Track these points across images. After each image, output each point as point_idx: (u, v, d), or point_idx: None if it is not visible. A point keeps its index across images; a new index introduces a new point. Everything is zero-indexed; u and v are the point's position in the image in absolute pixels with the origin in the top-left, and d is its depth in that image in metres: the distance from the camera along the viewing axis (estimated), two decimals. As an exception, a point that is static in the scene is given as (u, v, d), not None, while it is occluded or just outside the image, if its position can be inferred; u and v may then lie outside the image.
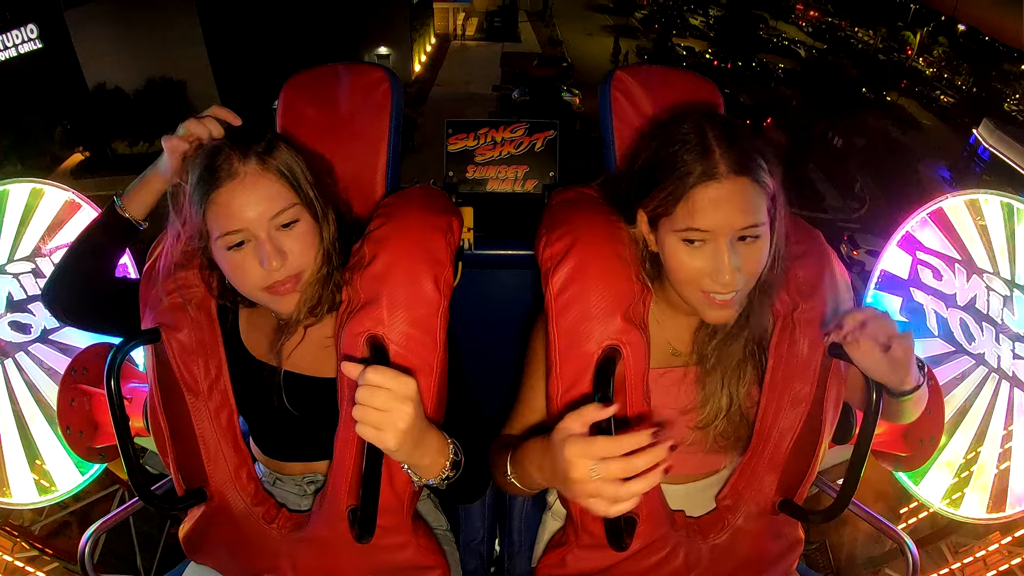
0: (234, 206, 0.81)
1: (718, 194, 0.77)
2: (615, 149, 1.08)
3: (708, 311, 0.85)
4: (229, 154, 0.82)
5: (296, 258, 0.85)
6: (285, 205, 0.83)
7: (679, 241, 0.81)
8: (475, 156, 1.32)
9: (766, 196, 0.80)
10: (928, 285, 1.48)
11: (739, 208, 0.78)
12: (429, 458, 0.80)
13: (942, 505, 1.47)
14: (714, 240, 0.79)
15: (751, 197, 0.78)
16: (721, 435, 0.95)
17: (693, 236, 0.80)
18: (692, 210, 0.79)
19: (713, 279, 0.81)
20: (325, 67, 1.12)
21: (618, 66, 1.15)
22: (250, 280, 0.85)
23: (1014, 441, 1.40)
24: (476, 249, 1.24)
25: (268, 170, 0.83)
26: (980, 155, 17.13)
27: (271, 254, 0.83)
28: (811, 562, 3.70)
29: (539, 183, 1.32)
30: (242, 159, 0.82)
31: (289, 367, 0.96)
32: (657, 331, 0.94)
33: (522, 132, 1.32)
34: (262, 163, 0.83)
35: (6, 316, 1.52)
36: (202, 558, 1.07)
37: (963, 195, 1.45)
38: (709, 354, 0.92)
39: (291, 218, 0.84)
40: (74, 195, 1.57)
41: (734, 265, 0.79)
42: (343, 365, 0.77)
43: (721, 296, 0.82)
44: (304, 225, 0.86)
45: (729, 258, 0.79)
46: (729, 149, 0.78)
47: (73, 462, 1.55)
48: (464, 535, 1.23)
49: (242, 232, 0.82)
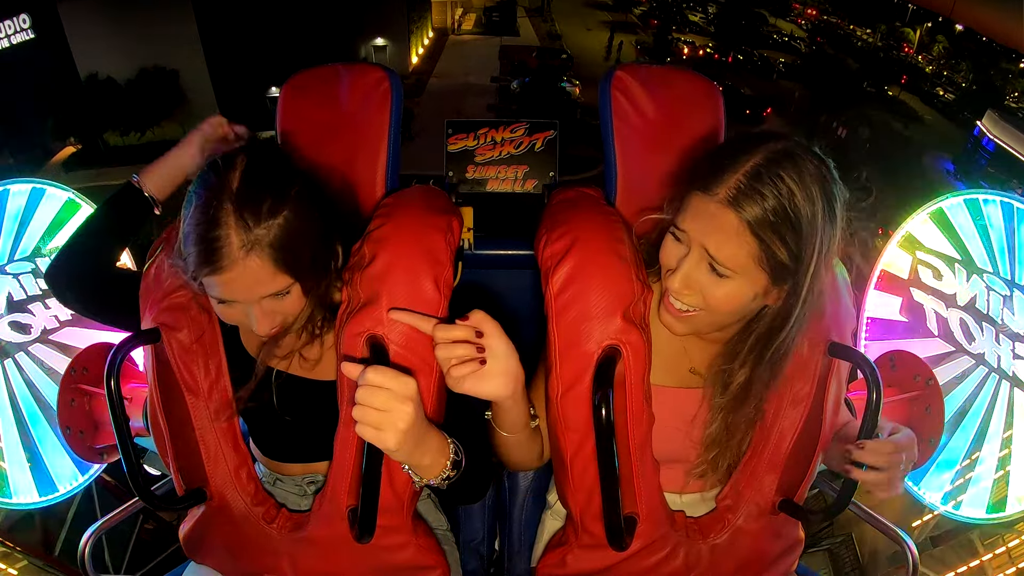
0: (226, 288, 0.80)
1: (706, 208, 0.78)
2: (615, 149, 1.08)
3: (662, 311, 0.88)
4: (230, 239, 0.76)
5: (286, 317, 0.86)
6: (279, 289, 0.82)
7: (670, 231, 0.84)
8: (475, 156, 1.32)
9: (763, 257, 0.76)
10: (928, 285, 1.48)
11: (716, 233, 0.77)
12: (429, 458, 0.80)
13: (942, 506, 1.47)
14: (687, 245, 0.81)
15: (731, 232, 0.76)
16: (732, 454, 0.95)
17: (677, 232, 0.83)
18: (685, 206, 0.81)
19: (668, 278, 0.83)
20: (325, 67, 1.12)
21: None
22: (235, 323, 0.88)
23: (1014, 441, 1.40)
24: (476, 249, 1.24)
25: (268, 259, 0.78)
26: (985, 146, 17.13)
27: (261, 321, 0.83)
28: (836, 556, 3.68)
29: (539, 183, 1.32)
30: (243, 247, 0.76)
31: (287, 370, 0.96)
32: (678, 347, 0.94)
33: (522, 132, 1.32)
34: (263, 252, 0.77)
35: (6, 316, 1.52)
36: (202, 558, 1.07)
37: (963, 195, 1.45)
38: (715, 378, 0.92)
39: (284, 293, 0.83)
40: (74, 195, 1.57)
41: (686, 274, 0.81)
42: (343, 365, 0.77)
43: (674, 302, 0.85)
44: (296, 292, 0.85)
45: (687, 267, 0.81)
46: (747, 180, 0.75)
47: (73, 462, 1.55)
48: (464, 535, 1.23)
49: (233, 301, 0.82)
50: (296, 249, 0.80)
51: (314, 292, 0.88)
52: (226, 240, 0.76)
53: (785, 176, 0.74)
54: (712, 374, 0.92)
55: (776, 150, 0.76)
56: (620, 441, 0.86)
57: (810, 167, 0.76)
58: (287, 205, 0.79)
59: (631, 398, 0.87)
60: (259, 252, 0.77)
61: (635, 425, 0.88)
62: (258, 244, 0.77)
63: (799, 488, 0.94)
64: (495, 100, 20.09)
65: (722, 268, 0.78)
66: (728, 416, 0.91)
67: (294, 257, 0.80)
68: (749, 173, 0.75)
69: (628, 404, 0.87)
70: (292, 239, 0.79)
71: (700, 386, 0.94)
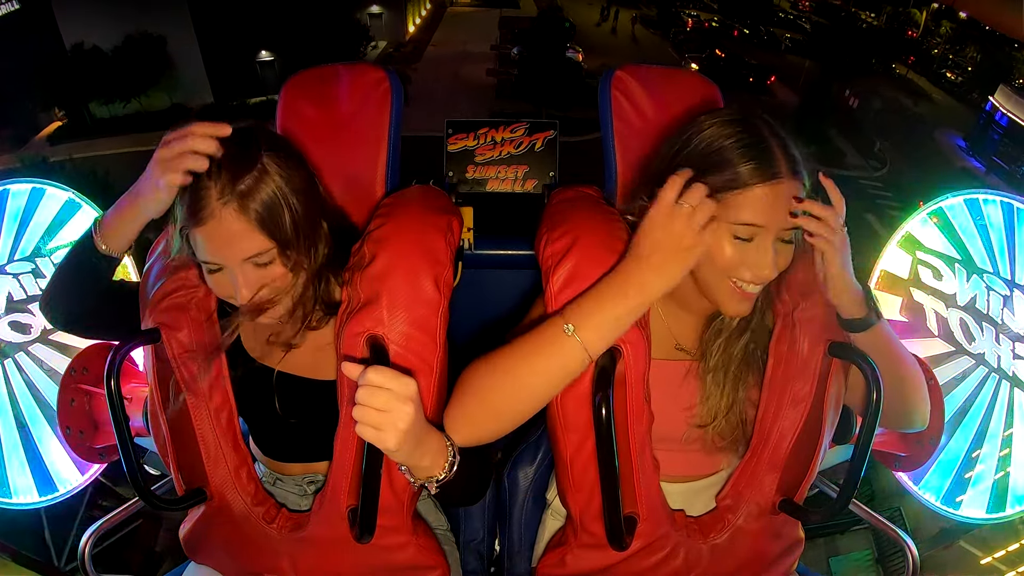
0: (209, 244, 0.81)
1: (775, 193, 0.79)
2: (615, 149, 1.08)
3: (730, 301, 0.86)
4: (210, 191, 0.78)
5: (269, 290, 0.86)
6: (259, 250, 0.82)
7: (727, 232, 0.82)
8: (475, 156, 1.32)
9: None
10: (928, 285, 1.48)
11: (785, 209, 0.80)
12: (429, 459, 0.80)
13: (942, 505, 1.47)
14: (762, 236, 0.81)
15: (794, 199, 0.80)
16: (719, 435, 0.95)
17: (745, 232, 0.81)
18: (748, 203, 0.79)
19: (753, 272, 0.82)
20: (325, 67, 1.12)
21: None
22: (226, 296, 0.87)
23: (1014, 441, 1.40)
24: (476, 249, 1.25)
25: (246, 214, 0.79)
26: (998, 121, 16.96)
27: (242, 287, 0.83)
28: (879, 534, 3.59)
29: (539, 183, 1.32)
30: (221, 198, 0.78)
31: (287, 369, 0.96)
32: (662, 325, 0.94)
33: (522, 132, 1.32)
34: (242, 206, 0.79)
35: (6, 316, 1.52)
36: (202, 558, 1.07)
37: (963, 195, 1.45)
38: (712, 352, 0.93)
39: (266, 260, 0.83)
40: (74, 195, 1.57)
41: (773, 261, 0.81)
42: (344, 365, 0.77)
43: (751, 288, 0.84)
44: (280, 264, 0.85)
45: (773, 254, 0.81)
46: (786, 151, 0.80)
47: (73, 462, 1.55)
48: (464, 535, 1.23)
49: (217, 263, 0.83)
50: (275, 210, 0.81)
51: (300, 268, 0.87)
52: (207, 192, 0.78)
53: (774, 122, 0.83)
54: (703, 342, 0.94)
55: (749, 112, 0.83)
56: (620, 441, 0.86)
57: (770, 118, 0.84)
58: (269, 164, 0.81)
59: (631, 398, 0.87)
60: (236, 205, 0.79)
61: (635, 425, 0.88)
62: (235, 196, 0.79)
63: (799, 488, 0.94)
64: (495, 65, 19.88)
65: (790, 234, 0.82)
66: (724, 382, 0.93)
67: (271, 217, 0.81)
68: (776, 136, 0.80)
69: (628, 404, 0.87)
70: (272, 199, 0.81)
71: (686, 359, 0.96)
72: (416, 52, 21.34)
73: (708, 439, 0.95)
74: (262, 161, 0.81)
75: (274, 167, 0.82)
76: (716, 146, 0.81)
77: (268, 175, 0.81)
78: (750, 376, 0.94)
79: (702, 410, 0.94)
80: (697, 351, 0.95)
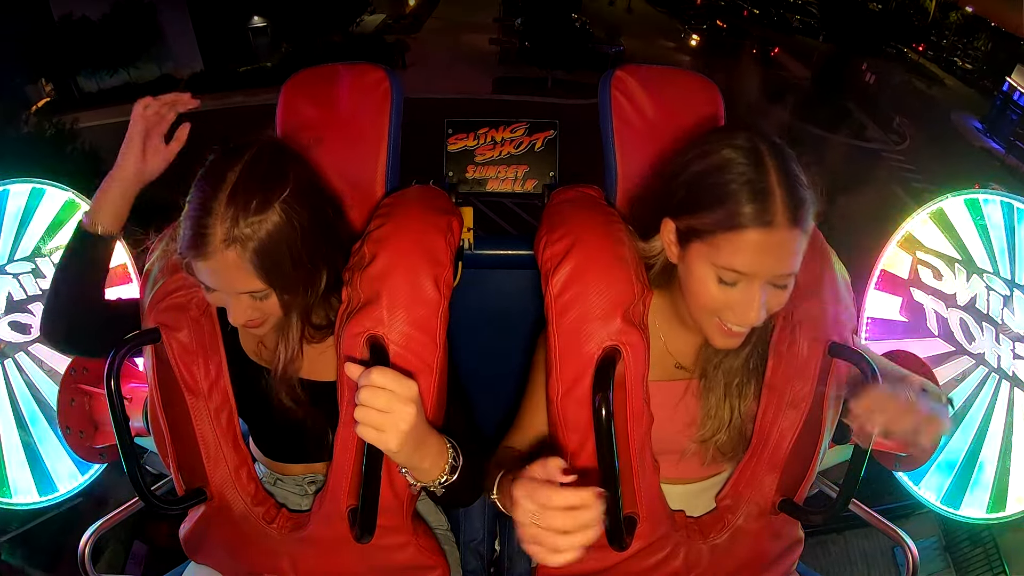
0: (208, 276, 0.81)
1: (768, 241, 0.74)
2: (615, 149, 1.08)
3: (716, 337, 0.84)
4: (215, 229, 0.78)
5: (265, 317, 0.87)
6: (256, 290, 0.82)
7: (712, 273, 0.79)
8: (475, 156, 1.32)
9: (807, 242, 0.78)
10: (928, 285, 1.48)
11: (784, 257, 0.76)
12: (429, 461, 0.80)
13: (942, 505, 1.47)
14: (749, 282, 0.78)
15: (796, 248, 0.76)
16: (719, 449, 0.95)
17: (729, 277, 0.77)
18: (737, 249, 0.75)
19: (738, 316, 0.79)
20: (325, 66, 1.12)
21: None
22: (220, 305, 0.87)
23: (1014, 441, 1.40)
24: (476, 249, 1.24)
25: (247, 258, 0.79)
26: (1016, 101, 16.84)
27: (234, 312, 0.84)
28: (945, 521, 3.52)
29: (539, 183, 1.32)
30: (224, 240, 0.78)
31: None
32: (660, 345, 0.94)
33: (522, 132, 1.32)
34: (244, 248, 0.78)
35: (6, 316, 1.51)
36: (202, 558, 1.07)
37: (963, 195, 1.45)
38: (712, 369, 0.92)
39: (262, 296, 0.84)
40: (74, 195, 1.57)
41: (763, 305, 0.78)
42: (345, 366, 0.77)
43: (738, 328, 0.82)
44: (274, 298, 0.85)
45: (760, 301, 0.78)
46: (789, 194, 0.74)
47: (73, 462, 1.55)
48: (464, 535, 1.23)
49: (215, 289, 0.83)
50: (275, 256, 0.80)
51: (293, 305, 0.87)
52: (212, 231, 0.78)
53: (795, 166, 0.77)
54: (703, 359, 0.93)
55: (762, 139, 0.77)
56: (620, 441, 0.86)
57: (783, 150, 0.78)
58: (276, 209, 0.80)
59: (631, 398, 0.87)
60: (238, 250, 0.78)
61: (635, 425, 0.88)
62: (238, 242, 0.78)
63: (799, 488, 0.94)
64: (498, 34, 19.60)
65: (789, 278, 0.79)
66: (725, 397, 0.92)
67: (272, 264, 0.81)
68: (781, 178, 0.74)
69: (628, 404, 0.87)
70: (274, 245, 0.80)
71: (686, 378, 0.95)
72: (416, 23, 20.97)
73: (709, 452, 0.95)
74: (270, 201, 0.80)
75: (283, 210, 0.80)
76: (714, 180, 0.77)
77: (275, 221, 0.80)
78: (751, 386, 0.93)
79: (703, 426, 0.94)
80: (696, 368, 0.94)
